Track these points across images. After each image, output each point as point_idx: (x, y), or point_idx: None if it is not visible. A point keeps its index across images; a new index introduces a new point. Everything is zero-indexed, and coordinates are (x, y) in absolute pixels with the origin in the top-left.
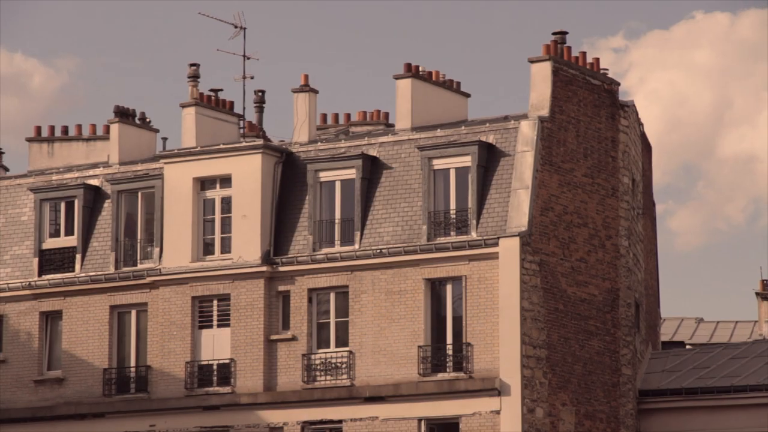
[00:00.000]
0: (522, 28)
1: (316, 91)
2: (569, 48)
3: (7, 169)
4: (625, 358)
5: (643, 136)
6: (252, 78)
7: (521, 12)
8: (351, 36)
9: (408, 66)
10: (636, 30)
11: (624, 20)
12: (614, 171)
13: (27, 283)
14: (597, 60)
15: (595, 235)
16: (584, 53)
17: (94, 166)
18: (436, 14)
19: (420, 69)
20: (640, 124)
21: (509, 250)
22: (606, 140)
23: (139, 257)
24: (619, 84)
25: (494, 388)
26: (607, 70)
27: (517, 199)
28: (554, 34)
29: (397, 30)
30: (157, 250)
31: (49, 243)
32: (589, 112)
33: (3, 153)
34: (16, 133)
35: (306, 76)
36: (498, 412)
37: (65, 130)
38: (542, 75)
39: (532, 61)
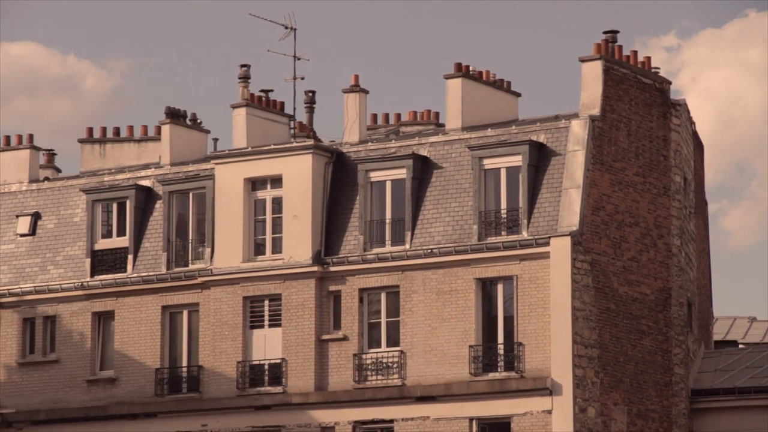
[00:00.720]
0: (573, 27)
1: (366, 92)
2: (620, 47)
3: (59, 171)
4: (678, 358)
5: (695, 135)
6: (302, 78)
7: (572, 11)
8: (401, 36)
9: (458, 66)
10: (688, 29)
11: (676, 19)
12: (666, 170)
13: (79, 284)
14: (648, 59)
15: (647, 234)
16: (635, 52)
17: (146, 166)
18: (486, 13)
19: (470, 69)
20: (692, 123)
21: (560, 249)
22: (657, 139)
23: (190, 258)
24: (670, 82)
25: (546, 388)
26: (658, 68)
27: (568, 199)
28: (605, 33)
29: (448, 30)
30: (208, 250)
31: (102, 244)
32: (641, 110)
33: (55, 154)
34: (68, 135)
35: (356, 77)
36: (549, 412)
37: (117, 131)
38: (593, 74)
39: (583, 60)
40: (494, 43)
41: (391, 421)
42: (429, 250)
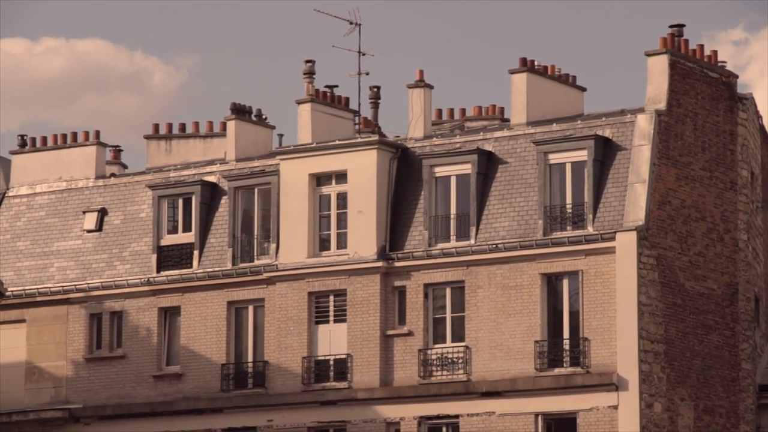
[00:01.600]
0: (639, 21)
1: (431, 87)
2: (686, 41)
3: (125, 167)
4: (745, 353)
5: (762, 129)
6: (367, 74)
7: (638, 5)
8: (466, 31)
9: (523, 60)
10: (756, 22)
11: (744, 13)
12: (733, 164)
13: (146, 280)
14: (715, 53)
15: (714, 228)
16: (702, 46)
17: (211, 162)
18: (552, 7)
19: (535, 63)
20: (759, 117)
21: (626, 244)
22: (724, 133)
23: (255, 253)
24: (737, 76)
25: (612, 383)
26: (725, 62)
27: (633, 193)
28: (671, 27)
29: (512, 24)
30: (273, 246)
31: (167, 239)
32: (707, 105)
33: (122, 151)
34: (136, 131)
35: (421, 72)
36: (616, 408)
37: (183, 127)
38: (659, 68)
39: (649, 55)
40: (559, 38)
41: (457, 416)
42: (494, 245)
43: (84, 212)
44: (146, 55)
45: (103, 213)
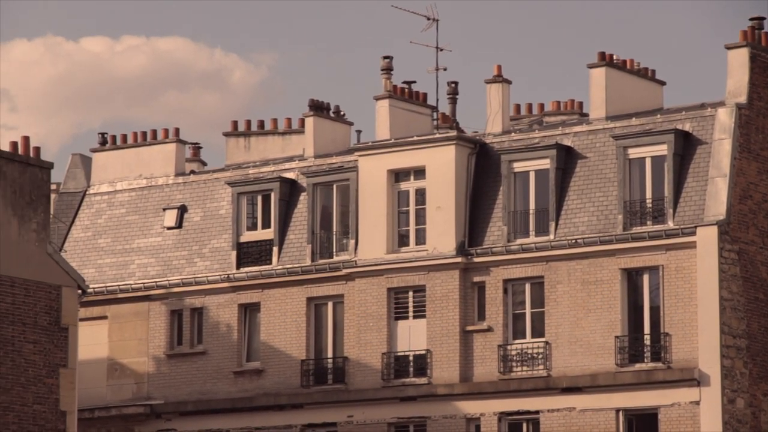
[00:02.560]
0: (719, 14)
1: (509, 82)
2: (767, 34)
3: (205, 164)
4: None
5: None
6: (445, 69)
7: None
8: (544, 25)
9: (602, 54)
10: None
11: None
12: None
13: (225, 276)
14: None
15: None
16: None
17: (290, 159)
18: (630, 1)
19: (614, 57)
20: None
21: (707, 239)
22: None
23: (334, 249)
24: None
25: (693, 379)
26: None
27: (714, 188)
28: (752, 20)
29: (591, 18)
30: (352, 242)
31: (247, 236)
32: None
33: (201, 148)
34: (217, 128)
35: (499, 67)
36: (697, 403)
37: (261, 124)
38: (739, 61)
39: (729, 48)
40: (638, 31)
41: (537, 412)
42: (573, 241)
43: (164, 209)
44: (226, 53)
45: (182, 210)
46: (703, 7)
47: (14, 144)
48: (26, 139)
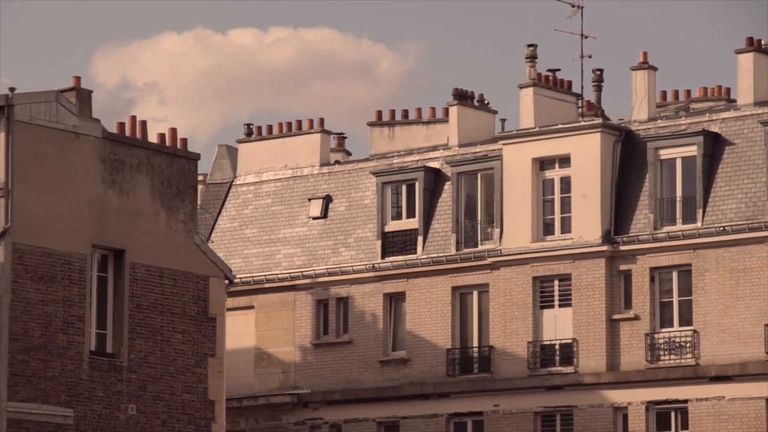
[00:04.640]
0: None
1: (655, 68)
2: None
3: (349, 154)
4: None
5: None
6: (590, 57)
7: None
8: (690, 11)
9: (750, 40)
10: None
11: None
12: None
13: (371, 266)
14: None
15: None
16: None
17: (434, 148)
18: None
19: (762, 43)
20: None
21: None
22: None
23: (479, 238)
24: None
25: None
26: None
27: None
28: None
29: (738, 3)
30: (497, 231)
31: (392, 225)
32: None
33: (345, 138)
34: (363, 118)
35: (645, 53)
36: None
37: (405, 113)
38: None
39: None
40: None
41: (685, 401)
42: (722, 228)
43: (309, 199)
44: (373, 42)
45: (327, 200)
46: None
47: (162, 136)
48: (173, 130)
